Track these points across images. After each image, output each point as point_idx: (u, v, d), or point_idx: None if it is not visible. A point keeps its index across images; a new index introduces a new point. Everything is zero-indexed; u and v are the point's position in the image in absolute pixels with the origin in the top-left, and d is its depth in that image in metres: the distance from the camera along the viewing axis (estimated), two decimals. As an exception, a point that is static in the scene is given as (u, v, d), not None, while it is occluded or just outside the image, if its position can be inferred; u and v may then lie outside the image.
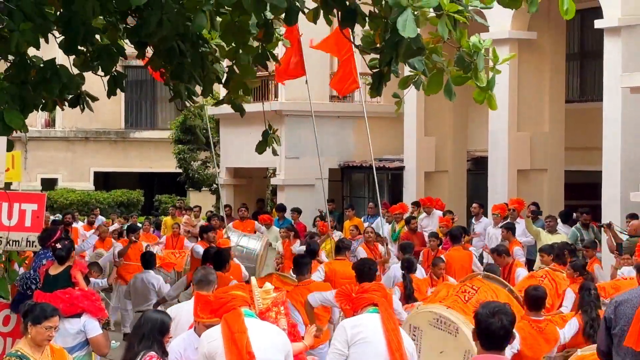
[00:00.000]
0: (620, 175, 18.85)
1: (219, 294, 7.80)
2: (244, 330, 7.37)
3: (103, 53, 9.52)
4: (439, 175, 25.54)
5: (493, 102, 9.26)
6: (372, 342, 8.21)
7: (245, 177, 29.95)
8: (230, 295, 7.66)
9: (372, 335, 8.24)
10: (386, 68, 9.25)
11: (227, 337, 7.33)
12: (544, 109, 22.95)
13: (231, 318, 7.45)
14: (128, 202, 37.62)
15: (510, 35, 21.55)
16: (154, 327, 7.55)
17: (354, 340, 8.21)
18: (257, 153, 12.02)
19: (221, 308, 7.60)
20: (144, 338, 7.49)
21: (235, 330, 7.36)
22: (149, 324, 7.56)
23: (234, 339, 7.30)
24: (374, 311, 8.44)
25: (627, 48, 18.77)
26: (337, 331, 8.43)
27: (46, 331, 7.93)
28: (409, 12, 7.62)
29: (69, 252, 10.78)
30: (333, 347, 8.32)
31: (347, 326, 8.36)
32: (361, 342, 8.21)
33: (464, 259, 16.49)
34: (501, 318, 5.91)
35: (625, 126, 18.81)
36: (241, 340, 7.29)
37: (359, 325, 8.33)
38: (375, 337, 8.23)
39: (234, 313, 7.50)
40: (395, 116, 26.06)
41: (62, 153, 39.83)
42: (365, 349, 8.19)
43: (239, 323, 7.41)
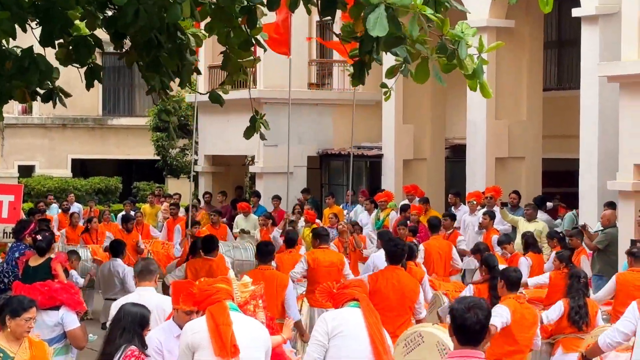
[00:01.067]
0: (597, 163, 18.93)
1: (203, 286, 7.75)
2: (229, 323, 7.34)
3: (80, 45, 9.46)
4: (418, 163, 25.57)
5: (485, 90, 9.26)
6: (352, 336, 8.17)
7: (223, 164, 29.90)
8: (215, 287, 7.61)
9: (352, 328, 8.21)
10: (367, 57, 9.25)
11: (212, 329, 7.30)
12: (521, 97, 23.01)
13: (216, 310, 7.41)
14: (106, 189, 37.50)
15: (488, 23, 21.59)
16: (134, 321, 7.55)
17: (334, 332, 8.19)
18: (245, 138, 11.86)
19: (205, 300, 7.55)
20: (124, 331, 7.49)
21: (221, 322, 7.32)
22: (129, 317, 7.56)
23: (219, 331, 7.26)
24: (354, 305, 8.40)
25: (605, 37, 18.82)
26: (318, 323, 8.40)
27: (25, 323, 7.92)
28: (381, 10, 7.58)
29: (50, 243, 10.74)
30: (313, 339, 8.28)
31: (328, 318, 8.34)
32: (341, 335, 8.18)
33: (444, 249, 16.49)
34: (477, 313, 5.89)
35: (602, 115, 18.88)
36: (226, 332, 7.26)
37: (339, 318, 8.30)
38: (356, 331, 8.20)
39: (219, 306, 7.46)
40: (373, 104, 26.12)
41: (39, 140, 39.64)
42: (346, 342, 8.16)
43: (224, 316, 7.37)
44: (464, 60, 8.84)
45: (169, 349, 7.94)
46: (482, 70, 9.07)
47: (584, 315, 11.22)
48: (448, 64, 8.94)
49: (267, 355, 7.56)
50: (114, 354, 7.40)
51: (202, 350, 7.32)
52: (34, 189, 35.69)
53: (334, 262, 13.89)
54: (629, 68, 17.34)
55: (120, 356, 7.38)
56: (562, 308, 11.33)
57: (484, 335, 5.94)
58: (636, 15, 17.21)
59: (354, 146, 26.39)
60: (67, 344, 9.99)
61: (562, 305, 11.34)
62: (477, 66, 8.98)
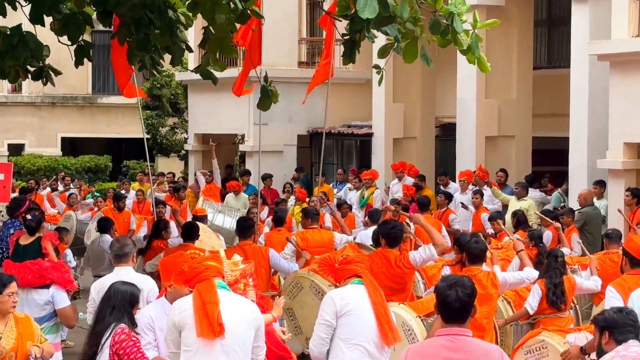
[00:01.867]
0: (587, 142, 18.95)
1: (194, 264, 7.73)
2: (216, 301, 7.26)
3: (70, 22, 9.42)
4: (408, 142, 25.57)
5: (483, 64, 9.26)
6: (359, 315, 8.04)
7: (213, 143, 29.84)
8: (204, 265, 7.57)
9: (359, 307, 8.07)
10: (358, 35, 9.24)
11: (198, 307, 7.24)
12: (511, 75, 23.01)
13: (204, 288, 7.35)
14: (96, 168, 37.48)
15: (478, 1, 21.53)
16: (124, 299, 7.57)
17: (342, 312, 8.04)
18: (261, 110, 11.71)
19: (194, 278, 7.50)
20: (114, 309, 7.51)
21: (207, 300, 7.25)
22: (118, 295, 7.58)
23: (205, 309, 7.20)
24: (358, 282, 8.26)
25: (595, 15, 18.81)
26: (326, 302, 8.20)
27: (9, 299, 7.94)
28: None
29: (40, 222, 10.74)
30: (321, 319, 8.11)
31: (336, 297, 8.16)
32: (349, 314, 8.04)
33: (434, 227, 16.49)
34: (457, 290, 5.92)
35: (592, 93, 18.90)
36: (212, 311, 7.20)
37: (346, 297, 8.13)
38: (363, 309, 8.06)
39: (207, 283, 7.39)
40: (363, 82, 26.10)
41: (29, 118, 39.54)
42: (354, 321, 8.02)
43: (211, 294, 7.30)
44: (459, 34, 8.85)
45: (161, 327, 7.94)
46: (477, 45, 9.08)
47: (559, 294, 11.14)
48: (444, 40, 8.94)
49: (259, 333, 7.45)
50: (104, 332, 7.42)
51: (189, 330, 7.24)
52: (23, 167, 35.64)
53: (324, 241, 13.92)
54: (619, 46, 17.36)
55: (110, 334, 7.40)
56: (539, 291, 11.29)
57: (467, 313, 5.95)
58: (626, -6, 17.23)
59: (344, 125, 26.45)
60: (57, 323, 10.00)
61: (539, 288, 11.31)
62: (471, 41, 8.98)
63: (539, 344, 10.34)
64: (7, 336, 7.85)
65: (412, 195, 19.77)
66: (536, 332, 10.67)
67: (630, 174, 17.48)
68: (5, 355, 7.76)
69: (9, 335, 7.87)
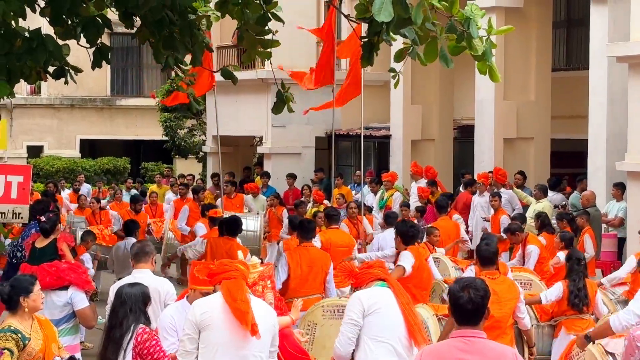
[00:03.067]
0: (605, 144, 18.88)
1: (225, 262, 7.72)
2: (247, 300, 7.28)
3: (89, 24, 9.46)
4: (426, 144, 25.56)
5: (494, 74, 9.23)
6: (387, 313, 8.02)
7: (231, 145, 29.90)
8: (235, 266, 7.56)
9: (387, 306, 8.06)
10: (375, 38, 9.24)
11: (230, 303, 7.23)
12: (530, 77, 22.96)
13: (234, 286, 7.35)
14: (114, 170, 37.58)
15: (497, 3, 21.53)
16: (137, 300, 7.59)
17: (370, 310, 8.01)
18: (274, 114, 11.76)
19: (220, 274, 7.49)
20: (130, 313, 7.52)
21: (239, 298, 7.26)
22: (132, 298, 7.59)
23: (237, 307, 7.21)
24: (383, 285, 8.26)
25: (614, 17, 18.74)
26: (352, 302, 8.16)
27: (39, 297, 8.00)
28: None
29: (54, 225, 10.76)
30: (348, 318, 8.07)
31: (363, 297, 8.13)
32: (377, 312, 8.01)
33: (451, 229, 16.56)
34: (470, 292, 5.92)
35: (611, 95, 18.83)
36: (246, 309, 7.22)
37: (374, 296, 8.12)
38: (390, 309, 8.05)
39: (236, 282, 7.39)
40: (381, 84, 26.09)
41: (48, 120, 39.69)
42: (381, 319, 8.00)
43: (241, 292, 7.31)
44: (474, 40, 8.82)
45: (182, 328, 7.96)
46: (491, 52, 9.05)
47: (583, 297, 11.18)
48: (457, 46, 8.92)
49: (274, 339, 7.47)
50: (124, 336, 7.43)
51: (210, 331, 7.25)
52: (42, 169, 35.76)
53: (347, 242, 14.00)
54: (638, 48, 17.28)
55: (132, 336, 7.41)
56: (561, 289, 11.27)
57: (480, 315, 5.95)
58: (646, -5, 17.17)
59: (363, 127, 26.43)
60: (76, 324, 10.03)
61: (562, 287, 11.29)
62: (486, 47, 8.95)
63: None
64: (35, 337, 7.88)
65: (427, 197, 19.75)
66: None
67: (649, 176, 17.42)
68: (35, 356, 7.80)
69: (36, 337, 7.90)
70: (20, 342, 7.74)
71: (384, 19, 7.57)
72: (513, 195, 19.58)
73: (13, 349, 7.66)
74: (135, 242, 10.15)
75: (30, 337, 7.84)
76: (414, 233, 11.70)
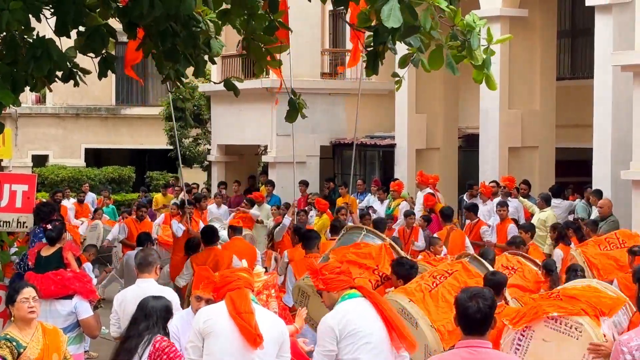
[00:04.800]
0: (610, 153, 18.88)
1: (226, 273, 7.69)
2: (251, 310, 7.24)
3: (94, 34, 9.46)
4: (430, 153, 25.56)
5: (491, 82, 9.24)
6: (364, 333, 7.51)
7: (236, 154, 29.94)
8: (237, 275, 7.54)
9: (363, 326, 7.53)
10: (381, 47, 9.24)
11: (233, 316, 7.21)
12: (535, 86, 22.98)
13: (237, 297, 7.33)
14: (119, 179, 37.58)
15: (501, 12, 21.56)
16: (161, 315, 7.58)
17: (343, 334, 7.49)
18: (288, 122, 11.67)
19: (224, 287, 7.48)
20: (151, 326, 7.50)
21: (243, 310, 7.24)
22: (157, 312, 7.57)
23: (241, 318, 7.19)
24: (354, 295, 7.71)
25: (618, 26, 18.74)
26: (323, 329, 7.58)
27: (24, 304, 7.94)
28: (395, 1, 7.58)
29: (60, 233, 10.75)
30: (322, 348, 7.56)
31: (333, 323, 7.55)
32: (352, 335, 7.50)
33: (457, 239, 16.53)
34: (478, 302, 5.90)
35: (615, 104, 18.83)
36: (249, 320, 7.18)
37: (345, 317, 7.55)
38: (367, 326, 7.55)
39: (240, 292, 7.36)
40: (386, 93, 26.11)
41: (53, 129, 39.69)
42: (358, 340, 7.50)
43: (246, 303, 7.29)
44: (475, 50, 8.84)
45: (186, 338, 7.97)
46: (491, 61, 9.06)
47: None
48: (458, 54, 8.93)
49: (284, 347, 7.41)
50: (138, 346, 7.40)
51: (213, 338, 7.26)
52: (47, 178, 35.78)
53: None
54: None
55: (147, 345, 7.39)
56: None
57: (487, 324, 5.93)
58: (650, 4, 17.17)
59: (367, 135, 26.45)
60: (80, 333, 10.02)
61: None
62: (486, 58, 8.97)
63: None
64: (32, 347, 7.87)
65: (432, 206, 19.75)
66: None
67: (654, 185, 17.39)
68: None
69: (34, 346, 7.89)
70: (15, 350, 7.77)
71: (393, 25, 7.57)
72: (519, 205, 19.57)
73: (7, 356, 7.69)
74: (139, 251, 10.14)
75: (28, 345, 7.84)
76: (412, 274, 10.51)
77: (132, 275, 15.92)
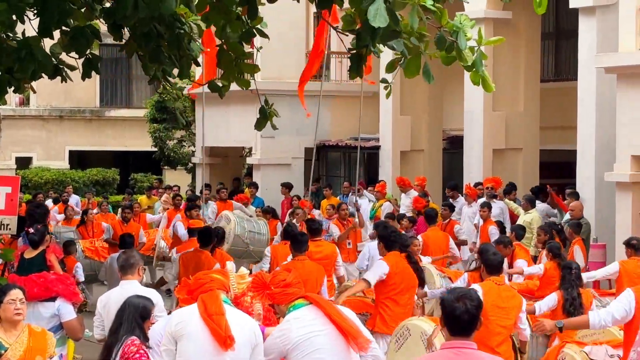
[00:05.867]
0: (594, 154, 18.92)
1: (200, 276, 7.71)
2: (222, 312, 7.22)
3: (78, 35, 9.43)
4: (415, 155, 25.58)
5: (487, 83, 9.26)
6: (312, 340, 7.47)
7: (221, 156, 29.89)
8: (209, 277, 7.57)
9: (310, 331, 7.50)
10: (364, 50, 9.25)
11: (204, 318, 7.23)
12: (519, 88, 23.00)
13: (208, 299, 7.33)
14: (103, 181, 37.50)
15: (485, 14, 21.58)
16: (136, 312, 7.56)
17: (288, 345, 7.46)
18: (257, 130, 11.63)
19: (198, 289, 7.50)
20: (125, 322, 7.49)
21: (213, 312, 7.23)
22: (131, 308, 7.57)
23: (212, 320, 7.20)
24: (302, 305, 7.68)
25: (602, 28, 18.79)
26: (273, 343, 7.58)
27: (10, 305, 7.94)
28: (381, 2, 7.60)
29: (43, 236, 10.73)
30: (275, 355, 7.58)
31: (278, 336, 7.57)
32: (299, 343, 7.46)
33: (441, 240, 16.57)
34: (465, 303, 5.88)
35: (599, 106, 18.87)
36: (219, 322, 7.19)
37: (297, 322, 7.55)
38: (315, 333, 7.50)
39: (212, 294, 7.37)
40: (370, 95, 26.11)
41: (36, 132, 39.58)
42: (308, 348, 7.45)
43: (216, 305, 7.28)
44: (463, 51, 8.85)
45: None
46: (482, 62, 9.07)
47: (578, 306, 11.19)
48: (448, 56, 8.95)
49: (257, 350, 7.37)
50: (114, 344, 7.41)
51: (186, 341, 7.24)
52: (31, 180, 35.67)
53: (327, 254, 13.89)
54: (626, 59, 17.34)
55: (121, 346, 7.39)
56: (556, 299, 11.31)
57: (474, 325, 5.91)
58: (634, 6, 17.22)
59: (352, 137, 26.45)
60: (64, 335, 9.99)
61: (556, 297, 11.33)
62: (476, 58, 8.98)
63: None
64: (14, 348, 7.86)
65: (421, 208, 19.81)
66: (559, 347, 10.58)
67: (637, 186, 17.43)
68: None
69: (17, 348, 7.88)
70: None
71: (379, 24, 7.58)
72: (504, 206, 19.60)
73: None
74: (121, 253, 10.10)
75: (10, 346, 7.82)
76: (395, 238, 11.68)
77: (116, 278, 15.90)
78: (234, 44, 10.49)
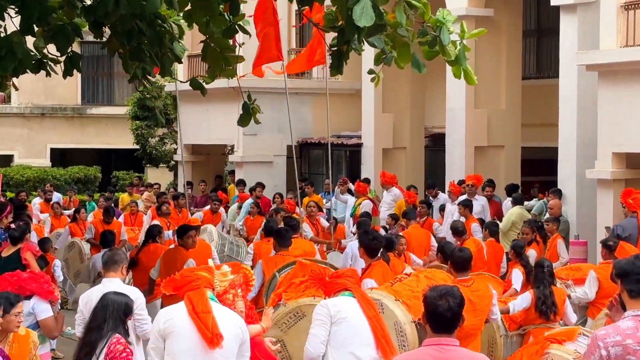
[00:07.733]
0: (576, 152, 18.98)
1: (186, 272, 7.75)
2: (209, 310, 7.26)
3: (59, 33, 9.41)
4: (397, 152, 25.60)
5: (470, 77, 9.28)
6: (354, 323, 7.97)
7: (203, 153, 29.86)
8: (196, 275, 7.60)
9: (353, 316, 8.02)
10: (345, 47, 9.26)
11: (192, 316, 7.25)
12: (500, 85, 23.05)
13: (195, 297, 7.36)
14: (85, 179, 37.39)
15: (467, 12, 21.60)
16: (119, 309, 7.55)
17: (336, 318, 7.95)
18: (240, 126, 11.59)
19: (185, 286, 7.52)
20: (109, 319, 7.48)
21: (200, 310, 7.26)
22: (114, 305, 7.56)
23: (199, 318, 7.21)
24: (349, 295, 8.24)
25: (583, 26, 18.85)
26: (320, 308, 8.06)
27: (15, 318, 8.03)
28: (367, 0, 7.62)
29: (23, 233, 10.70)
30: (317, 321, 7.97)
31: (329, 304, 8.08)
32: (344, 322, 7.95)
33: (422, 237, 16.61)
34: (448, 300, 5.90)
35: (580, 103, 18.92)
36: (206, 320, 7.21)
37: (339, 305, 8.07)
38: (356, 319, 8.01)
39: (199, 292, 7.40)
40: (352, 93, 26.14)
41: (18, 129, 39.45)
42: (349, 329, 7.93)
43: (203, 302, 7.31)
44: (446, 46, 8.88)
45: None
46: (465, 56, 9.09)
47: (550, 304, 11.15)
48: (431, 51, 8.97)
49: (244, 347, 7.42)
50: (98, 341, 7.39)
51: (174, 338, 7.25)
52: (12, 178, 35.54)
53: (306, 251, 13.89)
54: (607, 57, 17.41)
55: (106, 344, 7.37)
56: (529, 298, 11.29)
57: (456, 323, 5.93)
58: (615, 4, 17.28)
59: (334, 135, 26.47)
60: (41, 333, 9.96)
61: (530, 296, 11.31)
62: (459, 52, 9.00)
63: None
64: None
65: (413, 202, 19.91)
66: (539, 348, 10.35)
67: (618, 184, 17.50)
68: None
69: (0, 351, 7.89)
70: None
71: (365, 24, 7.60)
72: (486, 203, 19.64)
73: None
74: (106, 251, 10.07)
75: None
76: (377, 245, 11.52)
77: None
78: (219, 39, 10.48)
